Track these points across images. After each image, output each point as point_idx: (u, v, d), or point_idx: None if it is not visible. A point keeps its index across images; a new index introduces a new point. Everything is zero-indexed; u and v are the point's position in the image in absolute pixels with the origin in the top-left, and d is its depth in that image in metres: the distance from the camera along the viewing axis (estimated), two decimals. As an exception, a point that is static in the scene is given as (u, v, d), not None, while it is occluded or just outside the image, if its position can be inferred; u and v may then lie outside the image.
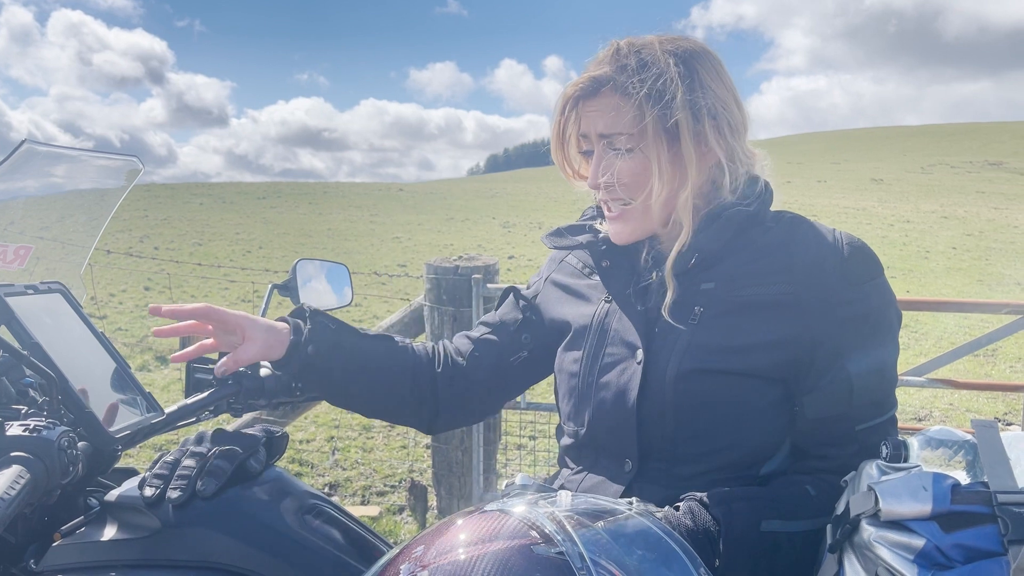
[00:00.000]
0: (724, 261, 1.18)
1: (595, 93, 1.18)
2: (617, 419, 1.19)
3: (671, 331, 1.17)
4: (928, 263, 14.13)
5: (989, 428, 0.92)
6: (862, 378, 1.13)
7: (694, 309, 1.17)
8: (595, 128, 1.19)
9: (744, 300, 1.15)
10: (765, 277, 1.16)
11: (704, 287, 1.18)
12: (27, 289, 1.13)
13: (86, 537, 1.02)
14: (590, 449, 1.25)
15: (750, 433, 1.16)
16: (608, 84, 1.17)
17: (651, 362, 1.17)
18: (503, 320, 1.40)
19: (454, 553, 0.76)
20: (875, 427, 1.14)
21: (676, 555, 0.81)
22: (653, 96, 1.15)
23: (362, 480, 4.21)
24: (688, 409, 1.14)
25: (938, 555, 0.84)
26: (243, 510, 1.03)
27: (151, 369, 6.46)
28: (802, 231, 1.20)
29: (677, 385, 1.14)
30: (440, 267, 3.26)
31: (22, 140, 1.10)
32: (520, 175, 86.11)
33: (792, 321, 1.13)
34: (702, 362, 1.14)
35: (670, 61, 1.17)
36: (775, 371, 1.14)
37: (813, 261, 1.15)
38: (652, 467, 1.17)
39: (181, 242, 17.35)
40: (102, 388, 1.16)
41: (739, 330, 1.14)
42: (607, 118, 1.17)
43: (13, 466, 0.92)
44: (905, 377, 3.07)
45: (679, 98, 1.15)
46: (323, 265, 1.54)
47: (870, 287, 1.15)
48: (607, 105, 1.17)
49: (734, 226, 1.18)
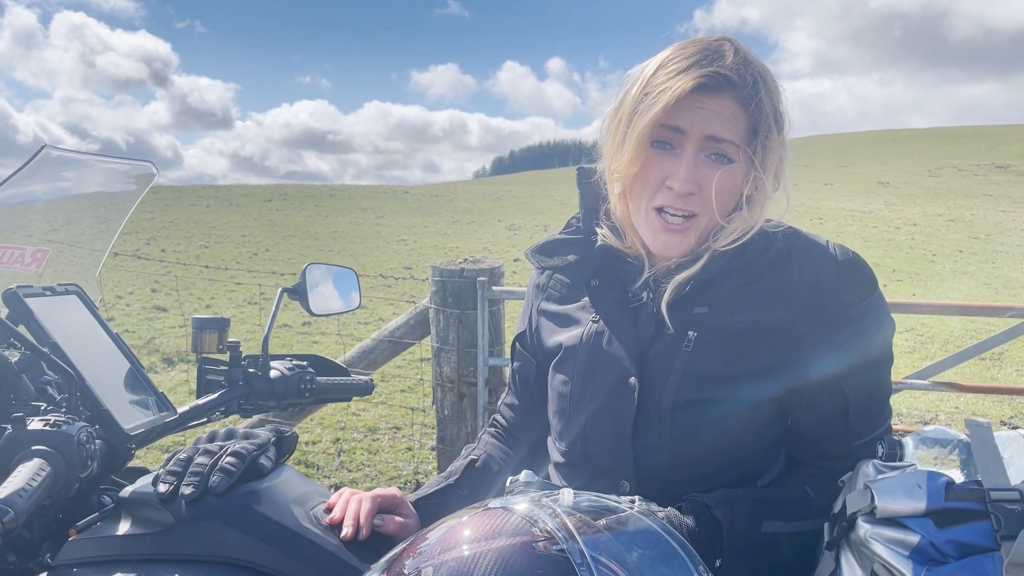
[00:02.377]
0: (718, 285, 1.14)
1: (717, 92, 1.07)
2: (612, 443, 1.16)
3: (665, 357, 1.13)
4: (935, 266, 14.07)
5: (982, 427, 0.94)
6: (857, 396, 1.12)
7: (687, 334, 1.13)
8: (705, 128, 1.08)
9: (739, 327, 1.11)
10: (759, 301, 1.12)
11: (697, 311, 1.14)
12: (45, 291, 1.16)
13: (101, 532, 1.05)
14: (583, 469, 1.22)
15: (746, 454, 1.16)
16: (733, 89, 1.08)
17: (646, 389, 1.13)
18: (523, 375, 1.35)
19: (457, 550, 0.77)
20: (871, 441, 1.11)
21: (677, 554, 0.81)
22: (779, 119, 1.11)
23: (368, 482, 4.23)
24: (686, 437, 1.13)
25: (932, 551, 0.85)
26: (254, 506, 1.05)
27: (158, 371, 6.49)
28: (796, 249, 1.14)
29: (674, 414, 1.12)
30: (446, 270, 3.27)
31: (42, 145, 1.13)
32: (526, 178, 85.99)
33: (788, 346, 1.11)
34: (699, 392, 1.11)
35: (780, 88, 1.12)
36: (770, 394, 1.12)
37: (809, 282, 1.11)
38: (649, 487, 1.14)
39: (188, 244, 17.39)
40: (117, 387, 1.19)
41: (735, 357, 1.11)
42: (723, 122, 1.08)
43: (34, 459, 0.94)
44: (910, 380, 3.07)
45: (788, 126, 1.13)
46: (332, 270, 1.57)
47: (864, 306, 1.12)
48: (726, 109, 1.08)
49: (731, 249, 1.13)
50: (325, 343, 7.63)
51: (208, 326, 1.37)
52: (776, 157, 1.11)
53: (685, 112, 1.08)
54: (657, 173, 1.11)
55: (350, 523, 1.09)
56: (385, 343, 3.64)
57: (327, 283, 1.54)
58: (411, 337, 3.59)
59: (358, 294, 1.62)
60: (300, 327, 8.35)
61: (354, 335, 7.48)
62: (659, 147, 1.11)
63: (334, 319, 7.53)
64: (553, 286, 1.31)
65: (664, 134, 1.10)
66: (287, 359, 1.48)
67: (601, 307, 1.21)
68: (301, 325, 8.41)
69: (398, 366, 6.09)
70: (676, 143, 1.10)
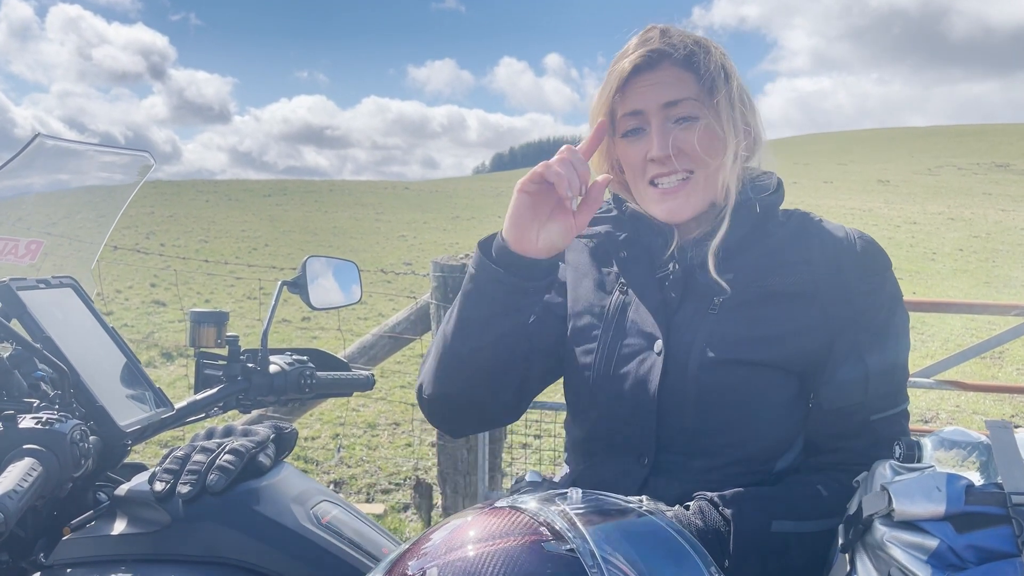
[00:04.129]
0: (743, 253, 1.19)
1: (653, 66, 1.17)
2: (635, 410, 1.17)
3: (691, 321, 1.17)
4: (935, 265, 14.08)
5: (1003, 429, 0.91)
6: (877, 368, 1.14)
7: (713, 300, 1.17)
8: (657, 99, 1.16)
9: (764, 291, 1.16)
10: (784, 268, 1.17)
11: (723, 278, 1.17)
12: (39, 283, 1.14)
13: (96, 531, 1.03)
14: (603, 443, 1.23)
15: (767, 426, 1.16)
16: (667, 59, 1.17)
17: (672, 353, 1.16)
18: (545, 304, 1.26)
19: (464, 549, 0.76)
20: (889, 418, 1.16)
21: (687, 553, 0.80)
22: (725, 71, 1.17)
23: (367, 478, 4.22)
24: (710, 400, 1.14)
25: (951, 556, 0.83)
26: (253, 505, 1.03)
27: (157, 365, 6.48)
28: (815, 225, 1.22)
29: (700, 376, 1.14)
30: (447, 265, 3.26)
31: (35, 134, 1.10)
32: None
33: (812, 311, 1.15)
34: (725, 352, 1.14)
35: (717, 47, 1.19)
36: (794, 362, 1.14)
37: (830, 253, 1.17)
38: (668, 460, 1.16)
39: (187, 239, 17.39)
40: (112, 383, 1.16)
41: (760, 320, 1.15)
42: (670, 87, 1.16)
43: (26, 459, 0.92)
44: (912, 379, 3.06)
45: (737, 75, 1.19)
46: (332, 263, 1.54)
47: (883, 278, 1.18)
48: (668, 77, 1.17)
49: (755, 216, 1.19)
50: (325, 338, 7.62)
51: (206, 320, 1.34)
52: (726, 99, 1.17)
53: (636, 95, 1.17)
54: (638, 155, 1.19)
55: None
56: (385, 339, 3.62)
57: (327, 276, 1.52)
58: (411, 333, 3.57)
59: (359, 287, 1.59)
60: (300, 322, 8.34)
61: (354, 330, 7.47)
62: (633, 135, 1.20)
63: (334, 314, 7.52)
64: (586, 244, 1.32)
65: (630, 123, 1.19)
66: (287, 353, 1.46)
67: (629, 276, 1.25)
68: (301, 320, 8.40)
69: (398, 362, 6.08)
70: (643, 124, 1.19)
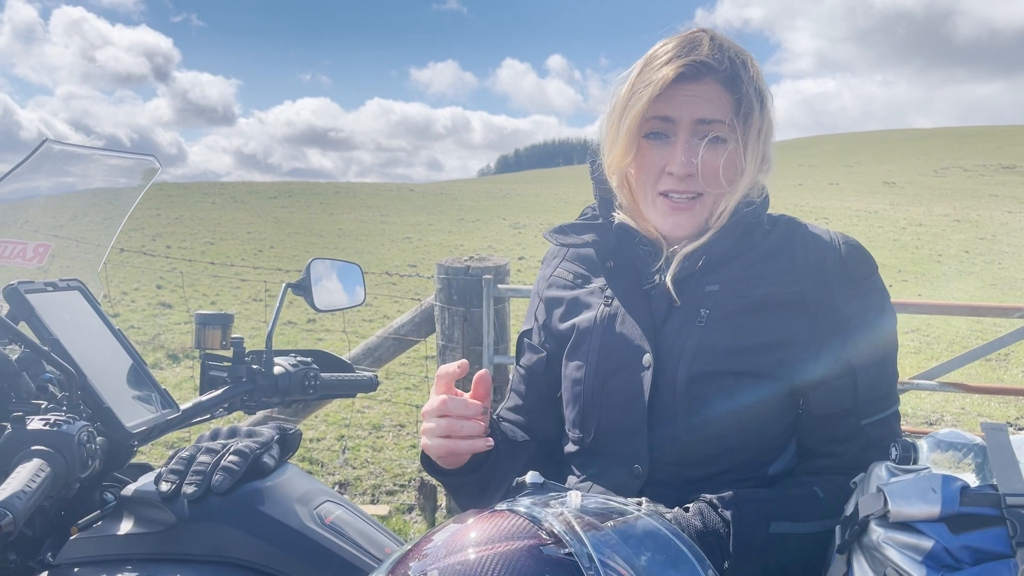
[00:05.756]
0: (728, 264, 1.19)
1: (696, 78, 1.15)
2: (627, 424, 1.18)
3: (679, 334, 1.17)
4: (940, 267, 14.03)
5: (999, 431, 0.92)
6: (866, 372, 1.14)
7: (700, 311, 1.17)
8: (693, 112, 1.15)
9: (750, 301, 1.16)
10: (769, 278, 1.17)
11: (709, 289, 1.18)
12: (46, 286, 1.15)
13: (103, 531, 1.04)
14: (597, 456, 1.23)
15: (759, 434, 1.16)
16: (713, 73, 1.15)
17: (660, 366, 1.16)
18: (531, 370, 1.33)
19: (463, 552, 0.76)
20: (880, 421, 1.16)
21: (685, 556, 0.81)
22: (761, 95, 1.17)
23: (372, 479, 4.23)
24: (700, 412, 1.14)
25: (946, 556, 0.84)
26: (257, 506, 1.04)
27: (163, 367, 6.50)
28: (800, 232, 1.21)
29: (689, 388, 1.14)
30: (451, 267, 3.27)
31: (43, 139, 1.12)
32: (531, 176, 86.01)
33: (799, 318, 1.14)
34: (713, 364, 1.14)
35: (757, 65, 1.19)
36: (783, 370, 1.14)
37: (815, 261, 1.17)
38: (662, 471, 1.17)
39: (193, 241, 17.43)
40: (119, 384, 1.18)
41: (747, 330, 1.15)
42: (709, 105, 1.15)
43: (34, 460, 0.93)
44: (916, 381, 3.06)
45: (771, 102, 1.19)
46: (336, 265, 1.55)
47: (869, 284, 1.18)
48: (709, 92, 1.15)
49: (741, 227, 1.19)
50: (330, 340, 7.62)
51: (211, 322, 1.35)
52: (756, 129, 1.17)
53: (672, 102, 1.15)
54: (657, 162, 1.18)
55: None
56: (390, 340, 3.63)
57: (331, 278, 1.53)
58: (416, 335, 3.58)
59: (363, 289, 1.60)
60: (305, 324, 8.35)
61: (359, 332, 7.48)
62: (655, 138, 1.18)
63: (338, 316, 7.53)
64: (561, 275, 1.33)
65: (657, 125, 1.18)
66: (291, 355, 1.47)
67: (617, 287, 1.24)
68: (306, 322, 8.42)
69: (403, 363, 6.09)
70: (669, 132, 1.18)
